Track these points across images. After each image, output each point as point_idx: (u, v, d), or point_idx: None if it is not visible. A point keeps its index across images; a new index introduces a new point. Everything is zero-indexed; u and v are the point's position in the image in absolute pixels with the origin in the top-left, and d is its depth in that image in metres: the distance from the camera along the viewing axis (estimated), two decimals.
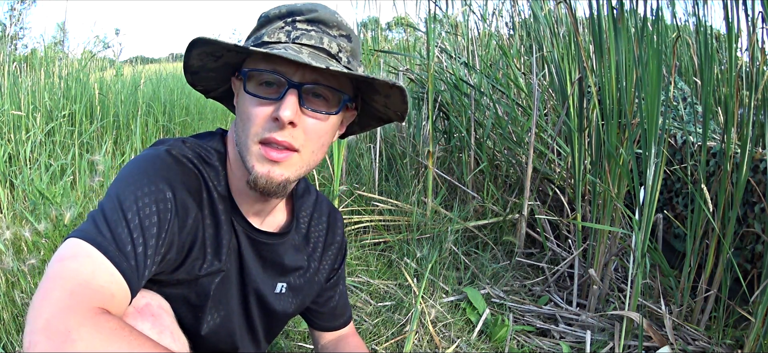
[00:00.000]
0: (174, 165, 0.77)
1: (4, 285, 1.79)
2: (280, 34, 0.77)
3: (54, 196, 2.56)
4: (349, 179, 2.84)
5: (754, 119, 1.60)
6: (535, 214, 2.36)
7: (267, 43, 0.77)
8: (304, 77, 0.75)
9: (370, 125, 0.94)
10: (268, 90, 0.76)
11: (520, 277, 2.22)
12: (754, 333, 1.52)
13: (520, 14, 3.22)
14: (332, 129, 0.81)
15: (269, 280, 0.95)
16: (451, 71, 3.02)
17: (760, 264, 1.67)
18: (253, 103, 0.76)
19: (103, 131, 3.91)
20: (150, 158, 0.77)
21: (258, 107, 0.75)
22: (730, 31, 1.64)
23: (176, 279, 0.80)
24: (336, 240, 1.05)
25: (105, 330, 0.57)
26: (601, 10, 1.82)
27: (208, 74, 0.84)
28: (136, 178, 0.73)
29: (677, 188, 2.05)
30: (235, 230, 0.86)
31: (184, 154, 0.80)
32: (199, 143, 0.84)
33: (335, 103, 0.79)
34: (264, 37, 0.78)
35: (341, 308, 1.13)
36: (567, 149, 2.29)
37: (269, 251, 0.92)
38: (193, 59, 0.79)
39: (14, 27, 4.14)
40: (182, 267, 0.80)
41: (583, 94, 1.99)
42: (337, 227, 1.05)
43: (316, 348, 1.16)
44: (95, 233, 0.66)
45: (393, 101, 0.84)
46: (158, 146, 0.80)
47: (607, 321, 1.79)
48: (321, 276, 1.04)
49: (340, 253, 1.08)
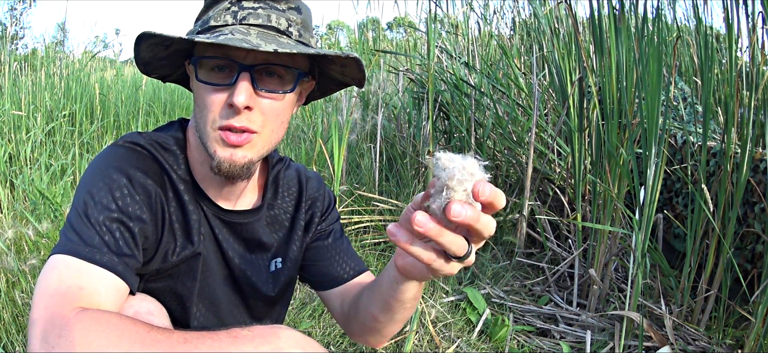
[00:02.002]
0: (126, 153, 0.78)
1: (4, 285, 1.79)
2: (227, 16, 0.76)
3: (54, 196, 2.56)
4: (349, 179, 2.84)
5: (754, 119, 1.60)
6: (535, 214, 2.36)
7: (214, 27, 0.76)
8: (255, 59, 0.73)
9: (331, 89, 0.93)
10: (219, 75, 0.75)
11: (521, 277, 2.22)
12: (754, 333, 1.52)
13: (520, 14, 3.22)
14: (290, 105, 0.80)
15: (259, 260, 0.93)
16: (451, 71, 3.02)
17: (760, 264, 1.67)
18: (207, 90, 0.75)
19: (103, 131, 3.91)
20: (101, 157, 0.77)
21: (212, 94, 0.74)
22: (730, 31, 1.64)
23: (155, 270, 0.80)
24: (314, 192, 1.00)
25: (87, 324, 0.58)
26: (601, 10, 1.82)
27: (161, 63, 0.84)
28: (90, 179, 0.74)
29: (677, 188, 2.05)
30: (206, 215, 0.85)
31: (136, 142, 0.80)
32: (155, 133, 0.85)
33: (290, 80, 0.78)
34: (210, 22, 0.76)
35: (343, 256, 1.02)
36: (567, 149, 2.29)
37: (248, 230, 0.90)
38: (143, 52, 0.78)
39: (15, 27, 4.14)
40: (156, 254, 0.79)
41: (584, 94, 1.99)
42: (313, 182, 1.01)
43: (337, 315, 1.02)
44: (65, 242, 0.68)
45: (349, 69, 0.83)
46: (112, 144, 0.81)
47: (607, 321, 1.79)
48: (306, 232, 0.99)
49: (323, 202, 1.01)
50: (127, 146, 0.79)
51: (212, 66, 0.75)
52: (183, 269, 0.83)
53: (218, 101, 0.74)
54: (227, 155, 0.75)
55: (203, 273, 0.86)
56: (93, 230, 0.69)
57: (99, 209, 0.70)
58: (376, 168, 2.73)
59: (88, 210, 0.70)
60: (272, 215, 0.95)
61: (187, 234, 0.82)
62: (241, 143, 0.75)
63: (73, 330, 0.57)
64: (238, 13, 0.76)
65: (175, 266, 0.82)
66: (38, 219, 2.38)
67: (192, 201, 0.83)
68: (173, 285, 0.83)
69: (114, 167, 0.75)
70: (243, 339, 0.58)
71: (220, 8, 0.77)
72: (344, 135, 2.60)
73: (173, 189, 0.81)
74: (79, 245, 0.67)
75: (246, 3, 0.76)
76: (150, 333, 0.58)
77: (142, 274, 0.79)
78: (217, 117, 0.75)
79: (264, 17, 0.76)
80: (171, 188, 0.81)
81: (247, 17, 0.75)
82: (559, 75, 2.17)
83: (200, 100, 0.76)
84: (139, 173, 0.76)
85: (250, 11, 0.76)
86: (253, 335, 0.59)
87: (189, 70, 0.82)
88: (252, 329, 0.60)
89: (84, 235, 0.68)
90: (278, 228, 0.96)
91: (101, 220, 0.69)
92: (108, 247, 0.68)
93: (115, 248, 0.69)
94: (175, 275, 0.82)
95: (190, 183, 0.84)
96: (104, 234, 0.69)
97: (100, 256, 0.67)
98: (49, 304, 0.61)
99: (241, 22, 0.75)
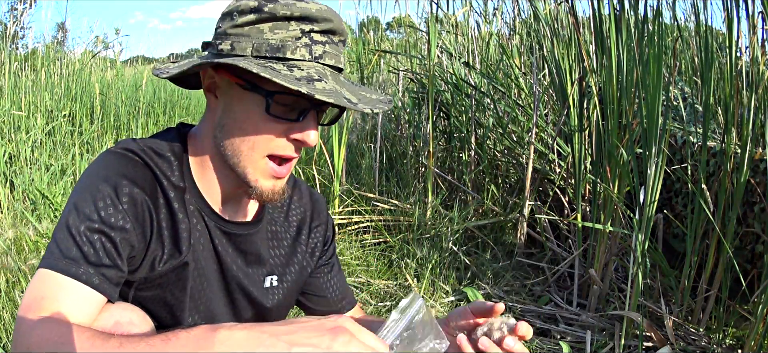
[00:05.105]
0: (115, 161, 0.77)
1: (4, 284, 1.79)
2: (303, 50, 0.72)
3: (54, 196, 2.57)
4: (349, 179, 2.84)
5: (754, 119, 1.60)
6: (535, 214, 2.36)
7: (290, 59, 0.72)
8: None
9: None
10: (285, 109, 0.73)
11: (521, 277, 2.22)
12: (754, 333, 1.52)
13: (520, 14, 3.22)
14: None
15: (255, 274, 0.92)
16: (451, 71, 3.02)
17: (760, 264, 1.67)
18: (267, 120, 0.73)
19: (103, 131, 3.92)
20: (92, 165, 0.78)
21: (272, 123, 0.74)
22: (730, 31, 1.64)
23: (143, 278, 0.79)
24: (321, 218, 1.02)
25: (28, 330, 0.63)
26: (601, 10, 1.82)
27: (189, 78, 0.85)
28: (78, 189, 0.75)
29: (677, 188, 2.05)
30: (206, 224, 0.84)
31: (128, 148, 0.79)
32: (150, 139, 0.84)
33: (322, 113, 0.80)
34: (287, 52, 0.72)
35: (342, 290, 1.08)
36: (567, 149, 2.29)
37: (247, 242, 0.89)
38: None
39: (15, 27, 4.14)
40: (143, 262, 0.78)
41: (583, 94, 1.99)
42: (321, 206, 1.02)
43: None
44: (47, 255, 0.70)
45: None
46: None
47: (607, 321, 1.79)
48: (311, 258, 1.00)
49: (327, 231, 1.03)
50: (118, 153, 0.78)
51: (286, 101, 0.73)
52: (171, 278, 0.81)
53: (277, 131, 0.74)
54: (270, 186, 0.78)
55: (197, 282, 0.84)
56: (71, 241, 0.70)
57: (80, 220, 0.71)
58: (376, 168, 2.73)
59: (69, 221, 0.71)
60: (273, 231, 0.95)
61: (175, 243, 0.81)
62: (285, 175, 0.78)
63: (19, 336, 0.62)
64: (312, 47, 0.73)
65: (163, 275, 0.80)
66: (38, 219, 2.38)
67: (182, 210, 0.81)
68: (162, 294, 0.82)
69: (101, 177, 0.75)
70: (177, 340, 0.60)
71: (290, 35, 0.72)
72: (344, 135, 2.60)
73: (164, 196, 0.80)
74: (58, 258, 0.69)
75: (316, 36, 0.73)
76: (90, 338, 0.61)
77: (131, 282, 0.79)
78: (272, 146, 0.75)
79: (335, 58, 0.75)
80: (162, 195, 0.80)
81: (322, 56, 0.74)
82: (559, 75, 2.17)
83: (247, 123, 0.75)
84: (125, 182, 0.75)
85: (323, 49, 0.74)
86: (189, 336, 0.60)
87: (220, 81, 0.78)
88: (189, 331, 0.60)
89: (63, 247, 0.70)
90: (277, 245, 0.95)
91: (82, 230, 0.70)
92: (85, 258, 0.69)
93: (94, 259, 0.70)
94: (164, 284, 0.81)
95: (183, 190, 0.82)
96: (83, 245, 0.69)
97: (76, 268, 0.68)
98: (19, 319, 0.65)
99: (316, 60, 0.73)
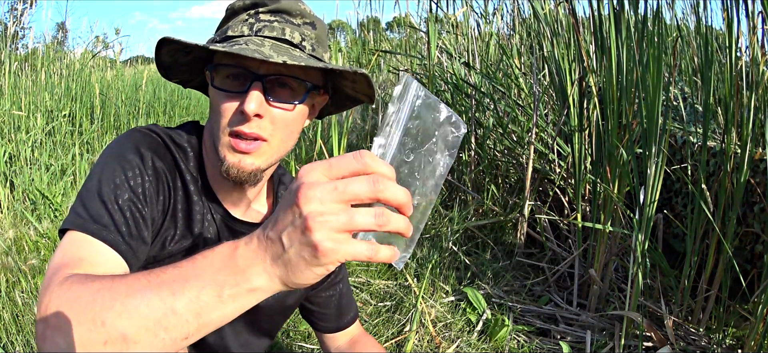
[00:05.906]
0: (142, 137, 0.81)
1: (4, 284, 1.79)
2: (244, 27, 0.80)
3: (54, 196, 2.57)
4: None
5: (754, 119, 1.60)
6: (535, 214, 2.36)
7: (231, 37, 0.79)
8: (268, 69, 0.76)
9: (345, 105, 0.96)
10: (234, 83, 0.78)
11: (521, 277, 2.22)
12: (754, 333, 1.52)
13: (520, 14, 3.22)
14: (301, 116, 0.83)
15: None
16: (451, 71, 3.02)
17: (760, 264, 1.67)
18: (221, 96, 0.78)
19: (103, 131, 3.92)
20: (118, 139, 0.81)
21: (226, 100, 0.78)
22: (730, 31, 1.64)
23: (152, 257, 0.81)
24: None
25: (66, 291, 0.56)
26: (601, 10, 1.82)
27: (181, 68, 0.87)
28: (105, 158, 0.77)
29: (677, 188, 2.05)
30: (214, 218, 0.87)
31: (153, 129, 0.84)
32: (171, 129, 0.88)
33: (301, 92, 0.80)
34: (228, 32, 0.80)
35: (346, 305, 1.10)
36: (567, 149, 2.29)
37: None
38: (164, 56, 0.82)
39: (15, 27, 4.14)
40: (156, 239, 0.81)
41: (583, 94, 1.99)
42: None
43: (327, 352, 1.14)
44: (73, 217, 0.71)
45: (359, 85, 0.86)
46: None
47: (607, 321, 1.79)
48: None
49: None
50: (143, 131, 0.82)
51: (227, 74, 0.79)
52: (178, 260, 0.82)
53: (231, 107, 0.77)
54: (235, 161, 0.78)
55: None
56: (103, 208, 0.71)
57: (111, 188, 0.73)
58: None
59: (102, 188, 0.72)
60: None
61: (188, 224, 0.84)
62: (249, 151, 0.78)
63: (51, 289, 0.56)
64: (255, 24, 0.80)
65: (172, 255, 0.82)
66: (38, 219, 2.39)
67: (199, 200, 0.85)
68: None
69: (129, 148, 0.78)
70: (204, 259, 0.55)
71: (238, 19, 0.81)
72: (344, 135, 2.60)
73: (182, 180, 0.84)
74: (88, 221, 0.69)
75: (263, 16, 0.81)
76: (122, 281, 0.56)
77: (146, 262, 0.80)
78: (229, 122, 0.78)
79: (279, 30, 0.80)
80: (180, 179, 0.84)
81: (262, 29, 0.79)
82: (559, 75, 2.17)
83: (215, 105, 0.80)
84: (151, 155, 0.80)
85: (266, 23, 0.80)
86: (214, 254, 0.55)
87: (207, 77, 0.85)
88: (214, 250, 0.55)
89: (93, 211, 0.70)
90: None
91: (112, 199, 0.72)
92: (116, 226, 0.70)
93: (125, 228, 0.71)
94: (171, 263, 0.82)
95: (199, 182, 0.86)
96: (114, 213, 0.71)
97: (107, 233, 0.69)
98: (50, 276, 0.61)
99: (256, 34, 0.79)
